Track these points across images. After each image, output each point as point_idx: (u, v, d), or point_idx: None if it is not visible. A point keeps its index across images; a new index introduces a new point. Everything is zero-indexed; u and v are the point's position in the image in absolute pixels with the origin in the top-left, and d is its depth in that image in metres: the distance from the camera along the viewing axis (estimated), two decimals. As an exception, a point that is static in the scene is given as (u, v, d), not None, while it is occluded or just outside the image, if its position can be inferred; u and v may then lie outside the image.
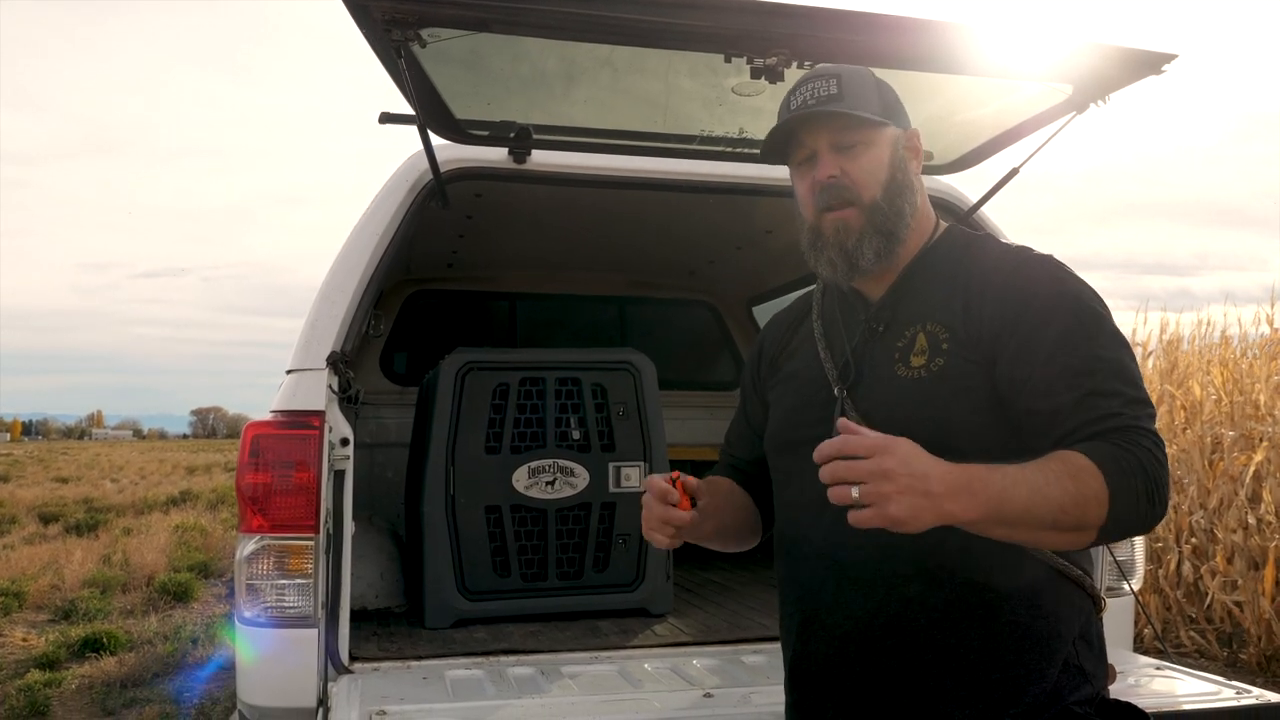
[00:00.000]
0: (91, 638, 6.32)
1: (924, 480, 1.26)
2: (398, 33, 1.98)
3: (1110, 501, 1.33)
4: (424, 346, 4.62)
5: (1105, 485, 1.33)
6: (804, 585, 1.61)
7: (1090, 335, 1.47)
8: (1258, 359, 7.13)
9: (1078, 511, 1.32)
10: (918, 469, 1.26)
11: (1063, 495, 1.31)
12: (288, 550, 2.43)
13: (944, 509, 1.27)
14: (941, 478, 1.27)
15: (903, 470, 1.25)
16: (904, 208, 1.61)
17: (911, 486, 1.25)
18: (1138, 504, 1.35)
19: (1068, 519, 1.32)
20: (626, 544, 3.34)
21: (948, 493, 1.26)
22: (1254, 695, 2.32)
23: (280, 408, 2.50)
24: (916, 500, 1.25)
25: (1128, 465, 1.35)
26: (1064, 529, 1.34)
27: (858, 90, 1.59)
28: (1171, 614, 6.26)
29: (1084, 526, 1.34)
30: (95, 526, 12.98)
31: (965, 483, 1.28)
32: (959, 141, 2.84)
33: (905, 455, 1.27)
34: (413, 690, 2.40)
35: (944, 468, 1.28)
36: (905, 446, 1.28)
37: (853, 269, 1.60)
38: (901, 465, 1.26)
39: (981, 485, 1.29)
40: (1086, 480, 1.33)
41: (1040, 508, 1.30)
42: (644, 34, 2.08)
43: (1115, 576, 2.90)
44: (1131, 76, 2.24)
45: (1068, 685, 1.48)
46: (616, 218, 3.95)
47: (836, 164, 1.59)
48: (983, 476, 1.29)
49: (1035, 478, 1.31)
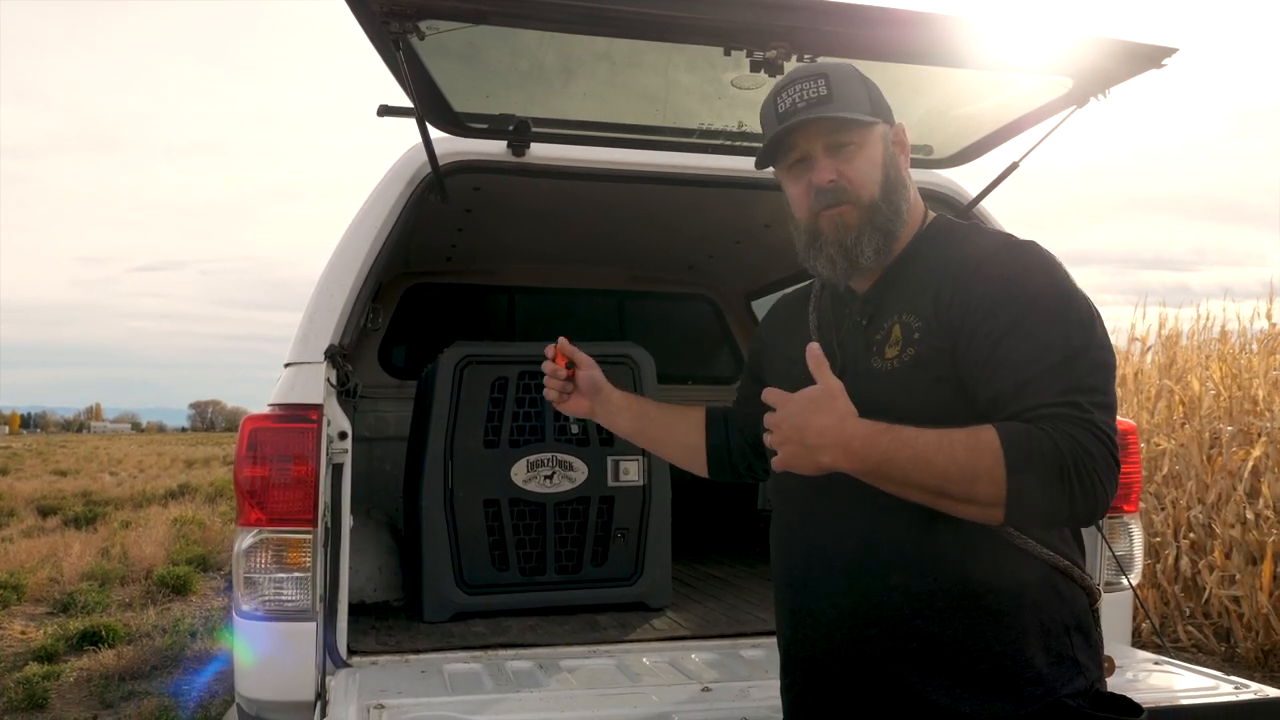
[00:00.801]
0: (90, 631, 6.32)
1: (800, 431, 1.40)
2: (396, 25, 1.98)
3: (1006, 480, 1.35)
4: (422, 340, 4.61)
5: (1003, 463, 1.34)
6: (794, 574, 1.62)
7: (1044, 321, 1.46)
8: (1256, 354, 7.13)
9: (964, 485, 1.36)
10: (797, 421, 1.40)
11: (948, 465, 1.36)
12: (286, 544, 2.42)
13: (818, 460, 1.40)
14: (820, 430, 1.39)
15: (785, 424, 1.41)
16: (900, 205, 1.61)
17: (789, 437, 1.41)
18: (1045, 488, 1.35)
19: (955, 489, 1.37)
20: (625, 538, 3.34)
21: (821, 446, 1.39)
22: (1252, 690, 2.32)
23: (278, 401, 2.50)
24: (793, 449, 1.41)
25: (1039, 449, 1.35)
26: (955, 498, 1.38)
27: (846, 89, 1.58)
28: (1170, 609, 6.27)
29: (975, 500, 1.37)
30: (94, 519, 12.99)
31: (844, 440, 1.38)
32: (959, 135, 2.84)
33: (796, 409, 1.41)
34: (411, 684, 2.40)
35: (827, 421, 1.39)
36: (798, 403, 1.41)
37: (852, 266, 1.60)
38: (785, 420, 1.41)
39: (861, 444, 1.38)
40: (981, 455, 1.35)
41: (922, 474, 1.37)
42: (642, 27, 2.07)
43: (1114, 571, 2.91)
44: (1132, 70, 2.24)
45: (1061, 677, 1.48)
46: (615, 211, 3.94)
47: (833, 167, 1.58)
48: (867, 436, 1.39)
49: (926, 445, 1.37)
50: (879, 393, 1.53)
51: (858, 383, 1.55)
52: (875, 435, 1.38)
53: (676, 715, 2.16)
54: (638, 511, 3.36)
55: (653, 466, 3.39)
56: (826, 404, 1.40)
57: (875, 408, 1.49)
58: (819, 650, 1.58)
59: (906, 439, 1.38)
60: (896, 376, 1.53)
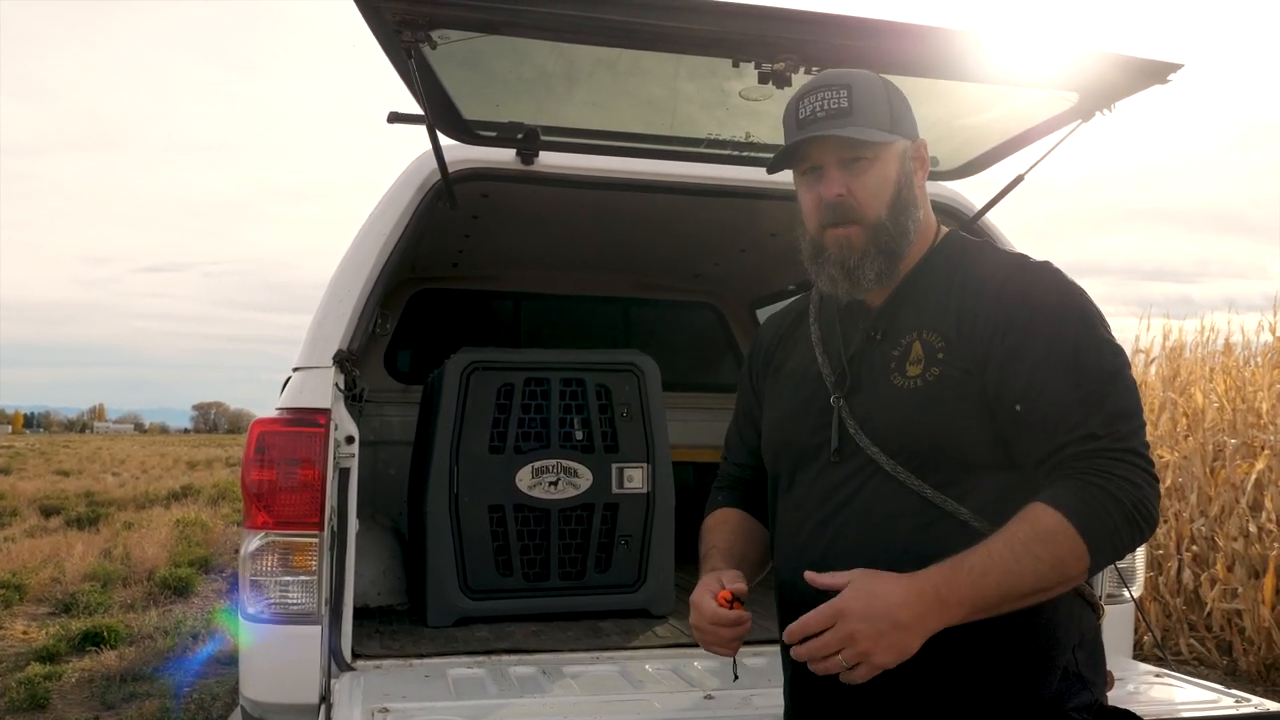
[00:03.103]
0: (92, 631, 6.32)
1: (890, 620, 1.30)
2: (409, 34, 1.99)
3: (1089, 552, 1.36)
4: (428, 346, 4.62)
5: (1080, 538, 1.35)
6: (801, 590, 1.61)
7: (1080, 345, 1.47)
8: (1260, 367, 7.13)
9: (1057, 574, 1.36)
10: (879, 612, 1.31)
11: (1036, 565, 1.34)
12: (292, 547, 2.44)
13: (925, 629, 1.32)
14: (908, 605, 1.31)
15: (865, 625, 1.30)
16: (908, 225, 1.60)
17: (881, 632, 1.30)
18: (1117, 539, 1.38)
19: (1049, 583, 1.36)
20: (629, 545, 3.35)
21: (919, 618, 1.31)
22: (1253, 704, 2.33)
23: (286, 405, 2.51)
24: (894, 639, 1.31)
25: (1100, 506, 1.36)
26: (1050, 590, 1.37)
27: (868, 102, 1.57)
28: (1172, 621, 6.25)
29: (1068, 580, 1.38)
30: (96, 520, 12.99)
31: (934, 598, 1.32)
32: (964, 147, 2.85)
33: (862, 609, 1.31)
34: (415, 688, 2.41)
35: (905, 593, 1.31)
36: (856, 600, 1.32)
37: (854, 286, 1.60)
38: (862, 621, 1.31)
39: (950, 591, 1.33)
40: (1059, 541, 1.35)
41: (1016, 587, 1.34)
42: (652, 38, 2.09)
43: (1115, 584, 2.91)
44: (1137, 86, 2.25)
45: (1067, 692, 1.49)
46: (622, 219, 3.96)
47: (843, 182, 1.57)
48: (949, 581, 1.33)
49: (1005, 558, 1.34)
50: (897, 411, 1.53)
51: (876, 400, 1.56)
52: (951, 575, 1.34)
53: (679, 722, 2.16)
54: (641, 519, 3.37)
55: (657, 474, 3.40)
56: (878, 583, 1.34)
57: (896, 425, 1.52)
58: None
59: (980, 563, 1.34)
60: (918, 395, 1.52)
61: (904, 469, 1.50)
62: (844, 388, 1.60)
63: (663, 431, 3.44)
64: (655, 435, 3.42)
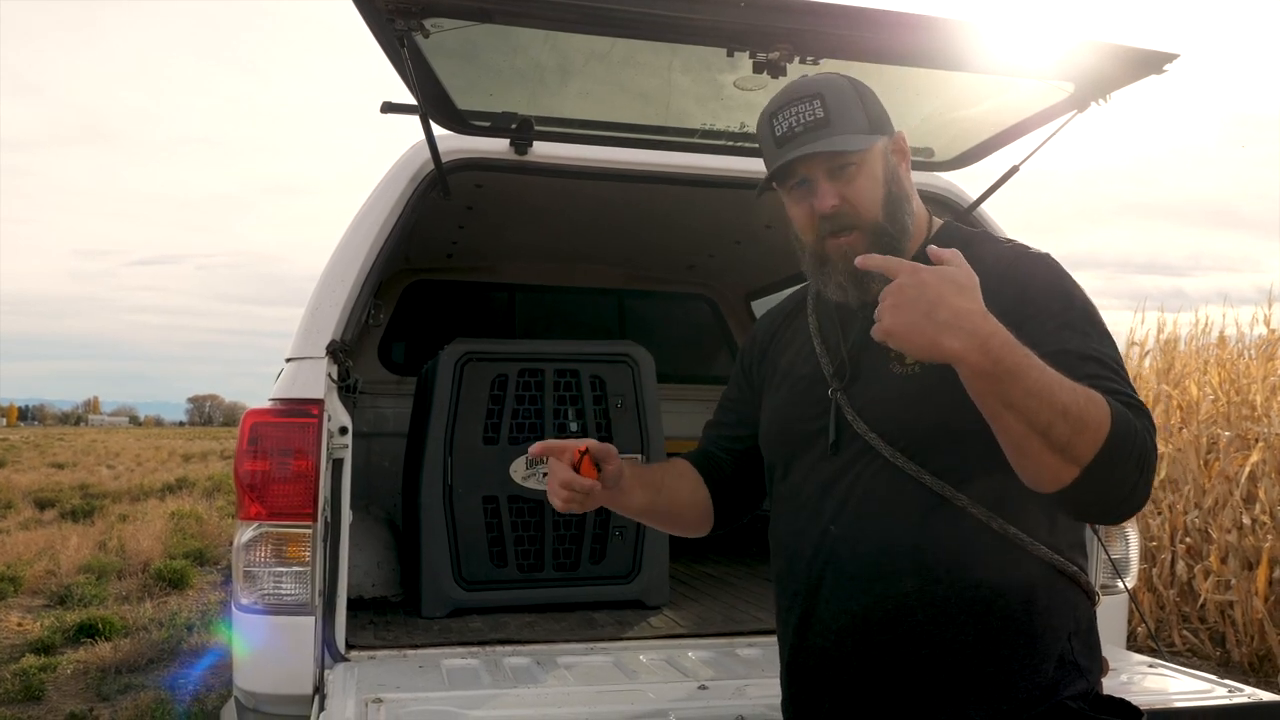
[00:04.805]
0: (87, 623, 6.32)
1: (932, 306, 1.23)
2: (401, 22, 1.99)
3: (1106, 441, 1.29)
4: (422, 337, 4.62)
5: (1109, 422, 1.29)
6: (801, 580, 1.61)
7: (1084, 331, 1.47)
8: (1254, 360, 7.14)
9: (1073, 428, 1.27)
10: (931, 294, 1.23)
11: (1070, 403, 1.27)
12: (285, 538, 2.43)
13: (942, 341, 1.24)
14: (958, 312, 1.23)
15: (914, 290, 1.24)
16: (904, 221, 1.60)
17: (915, 302, 1.24)
18: (1127, 463, 1.32)
19: (1062, 431, 1.27)
20: (623, 536, 3.35)
21: (954, 328, 1.23)
22: (1246, 694, 2.33)
23: (279, 395, 2.51)
24: (916, 319, 1.24)
25: (1133, 425, 1.33)
26: (1053, 442, 1.28)
27: (843, 109, 1.56)
28: (1165, 613, 6.28)
29: (1071, 451, 1.28)
30: (91, 512, 12.99)
31: (984, 332, 1.24)
32: (960, 138, 2.85)
33: (932, 280, 1.24)
34: (409, 679, 2.40)
35: (969, 306, 1.24)
36: (937, 274, 1.25)
37: (864, 293, 1.57)
38: (917, 285, 1.24)
39: (999, 344, 1.25)
40: (1098, 407, 1.30)
41: (1043, 401, 1.26)
42: (646, 27, 2.08)
43: (1110, 574, 2.91)
44: (1133, 76, 2.25)
45: (1063, 680, 1.49)
46: (617, 210, 3.95)
47: (835, 192, 1.56)
48: (1005, 339, 1.26)
49: (1054, 376, 1.28)
50: (896, 398, 1.53)
51: (875, 388, 1.56)
52: (1013, 343, 1.26)
53: (673, 712, 2.16)
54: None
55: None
56: (970, 289, 1.26)
57: (895, 411, 1.51)
58: (828, 657, 1.57)
59: (1038, 362, 1.27)
60: (917, 382, 1.51)
61: (903, 455, 1.50)
62: (843, 379, 1.60)
63: (657, 422, 3.44)
64: (650, 426, 3.42)
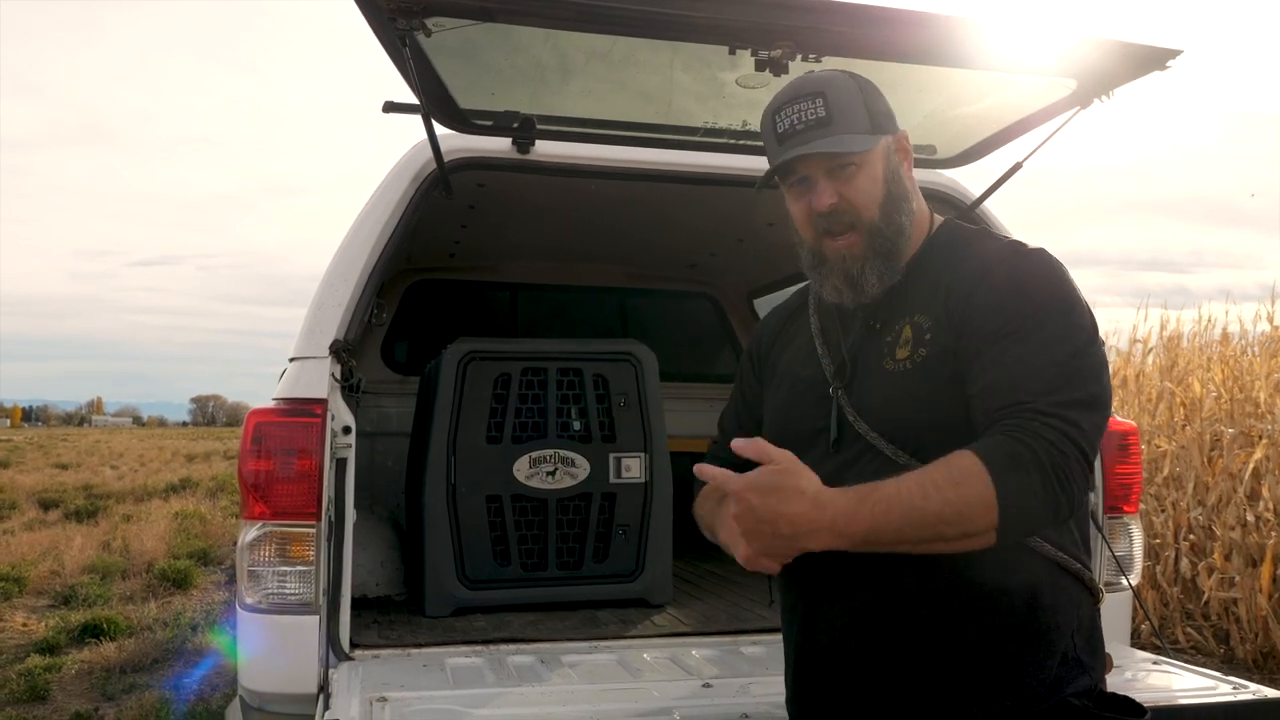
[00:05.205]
0: (91, 623, 6.33)
1: (770, 524, 1.32)
2: (403, 22, 1.99)
3: (999, 505, 1.32)
4: (425, 336, 4.62)
5: (991, 486, 1.32)
6: (806, 578, 1.61)
7: (1044, 325, 1.46)
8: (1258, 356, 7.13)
9: (961, 521, 1.33)
10: (763, 514, 1.31)
11: (941, 507, 1.32)
12: (289, 537, 2.43)
13: (802, 548, 1.33)
14: (793, 520, 1.31)
15: (750, 515, 1.32)
16: (902, 222, 1.61)
17: (758, 528, 1.33)
18: (1032, 499, 1.34)
19: (951, 531, 1.33)
20: (626, 534, 3.36)
21: (802, 533, 1.32)
22: (1250, 690, 2.33)
23: (283, 395, 2.51)
24: (768, 543, 1.33)
25: (1020, 459, 1.34)
26: (949, 539, 1.34)
27: (845, 106, 1.56)
28: (1169, 610, 6.27)
29: (973, 532, 1.34)
30: (95, 513, 13.00)
31: (828, 527, 1.32)
32: (962, 135, 2.84)
33: (758, 498, 1.31)
34: (413, 677, 2.41)
35: (798, 509, 1.31)
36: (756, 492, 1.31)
37: (858, 294, 1.61)
38: (750, 510, 1.32)
39: (848, 524, 1.32)
40: (971, 485, 1.32)
41: (918, 528, 1.33)
42: (648, 25, 2.08)
43: (1113, 571, 2.91)
44: (1136, 72, 2.25)
45: (1066, 677, 1.49)
46: (619, 209, 3.95)
47: (833, 190, 1.57)
48: (851, 514, 1.32)
49: (913, 495, 1.32)
50: (889, 394, 1.54)
51: (870, 385, 1.58)
52: (856, 507, 1.33)
53: (677, 711, 2.16)
54: (639, 508, 3.38)
55: (654, 464, 3.40)
56: (791, 488, 1.32)
57: (888, 407, 1.52)
58: (832, 655, 1.58)
59: (888, 496, 1.33)
60: (908, 377, 1.53)
61: (903, 453, 1.51)
62: (844, 378, 1.61)
63: (660, 421, 3.44)
64: (653, 425, 3.42)
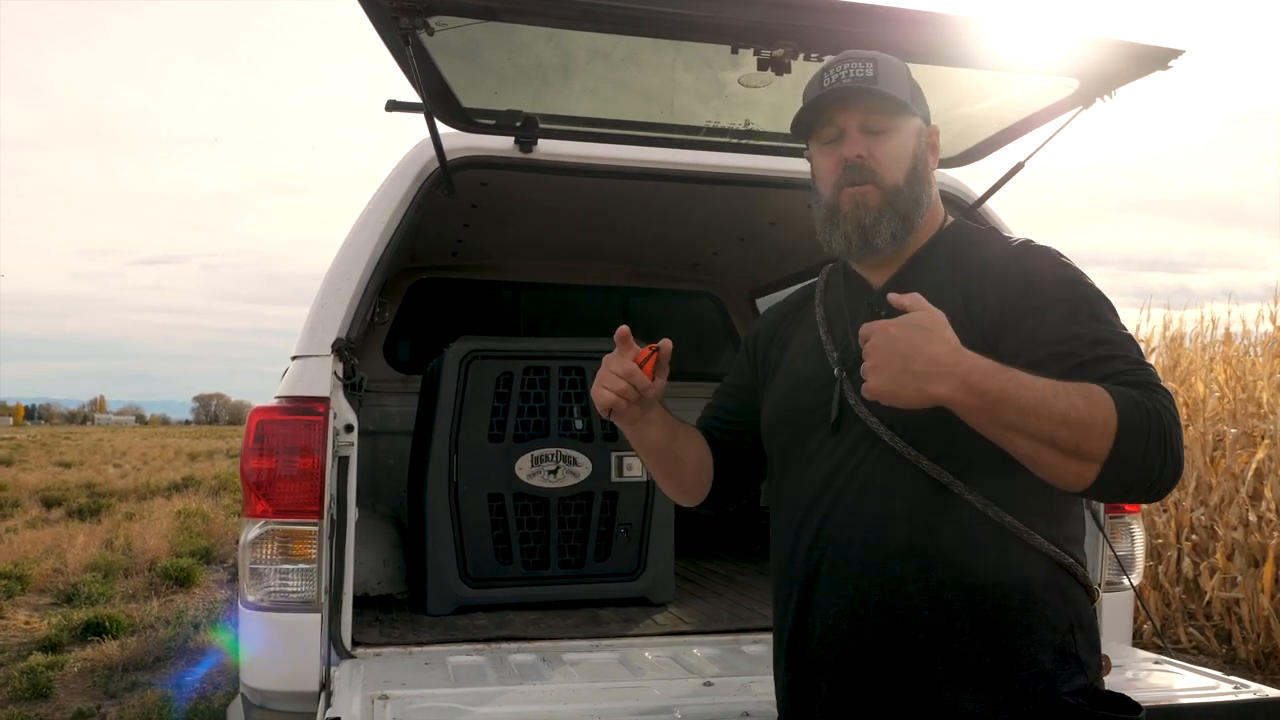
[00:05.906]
0: (93, 621, 6.34)
1: (906, 359, 1.29)
2: (406, 21, 1.99)
3: (1116, 435, 1.31)
4: (427, 335, 4.62)
5: (1115, 415, 1.31)
6: (800, 565, 1.62)
7: (1094, 315, 1.49)
8: (1260, 357, 7.13)
9: (1079, 432, 1.30)
10: (903, 347, 1.29)
11: (1068, 409, 1.29)
12: (291, 535, 2.44)
13: (928, 390, 1.29)
14: (932, 358, 1.29)
15: (887, 345, 1.30)
16: (922, 197, 1.64)
17: (890, 363, 1.30)
18: (1147, 447, 1.33)
19: (1068, 437, 1.30)
20: (628, 533, 3.36)
21: (933, 374, 1.29)
22: (1251, 690, 2.33)
23: (285, 393, 2.51)
24: (896, 375, 1.30)
25: (1143, 407, 1.33)
26: (1063, 450, 1.31)
27: (892, 76, 1.61)
28: (1171, 610, 6.27)
29: (1083, 452, 1.31)
30: (97, 511, 13.01)
31: (962, 370, 1.29)
32: (965, 135, 2.84)
33: (900, 333, 1.30)
34: (415, 675, 2.41)
35: (940, 350, 1.29)
36: (903, 326, 1.31)
37: (867, 246, 1.61)
38: (889, 341, 1.30)
39: (980, 378, 1.29)
40: (1098, 404, 1.31)
41: (1040, 416, 1.29)
42: (651, 24, 2.08)
43: (1115, 571, 2.91)
44: (1138, 72, 2.25)
45: (1062, 675, 1.48)
46: (621, 208, 3.95)
47: (864, 144, 1.60)
48: (985, 370, 1.30)
49: (1045, 386, 1.31)
50: None
51: None
52: (994, 370, 1.30)
53: (679, 709, 2.17)
54: (641, 507, 3.38)
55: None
56: (938, 331, 1.31)
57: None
58: (823, 642, 1.58)
59: (1024, 379, 1.31)
60: None
61: (902, 441, 1.50)
62: (848, 362, 1.61)
63: (662, 420, 3.44)
64: (655, 424, 3.41)
